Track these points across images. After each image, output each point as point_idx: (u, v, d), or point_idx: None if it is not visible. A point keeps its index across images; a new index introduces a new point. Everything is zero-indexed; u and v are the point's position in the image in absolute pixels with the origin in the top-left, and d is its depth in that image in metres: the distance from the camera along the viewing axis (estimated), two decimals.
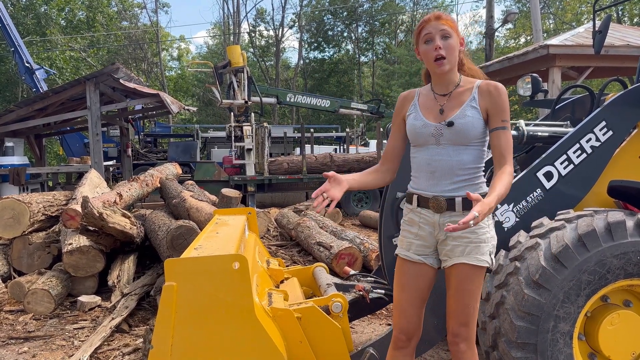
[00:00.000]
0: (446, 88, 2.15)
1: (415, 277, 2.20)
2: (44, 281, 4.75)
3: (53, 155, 24.94)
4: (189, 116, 34.97)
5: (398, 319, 2.25)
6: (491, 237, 2.10)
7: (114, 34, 32.89)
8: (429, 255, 2.19)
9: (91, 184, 6.86)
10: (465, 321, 2.08)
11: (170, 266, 2.01)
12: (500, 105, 2.08)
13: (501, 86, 2.11)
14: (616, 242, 2.39)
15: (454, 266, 2.10)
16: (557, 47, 9.80)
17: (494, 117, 2.08)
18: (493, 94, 2.09)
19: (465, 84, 2.15)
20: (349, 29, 37.74)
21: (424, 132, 2.14)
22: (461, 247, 2.07)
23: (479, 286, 2.10)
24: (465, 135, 2.08)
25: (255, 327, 2.05)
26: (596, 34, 4.08)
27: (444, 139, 2.11)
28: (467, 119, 2.08)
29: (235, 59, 11.15)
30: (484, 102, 2.09)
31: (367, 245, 5.88)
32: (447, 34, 2.06)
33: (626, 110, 2.91)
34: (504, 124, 2.07)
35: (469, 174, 2.10)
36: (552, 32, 30.09)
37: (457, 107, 2.11)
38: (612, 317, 2.44)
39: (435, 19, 2.09)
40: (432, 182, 2.13)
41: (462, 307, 2.08)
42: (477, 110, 2.09)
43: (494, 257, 2.10)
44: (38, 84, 15.20)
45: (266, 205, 10.97)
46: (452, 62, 2.09)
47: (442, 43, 2.06)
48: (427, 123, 2.14)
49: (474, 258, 2.06)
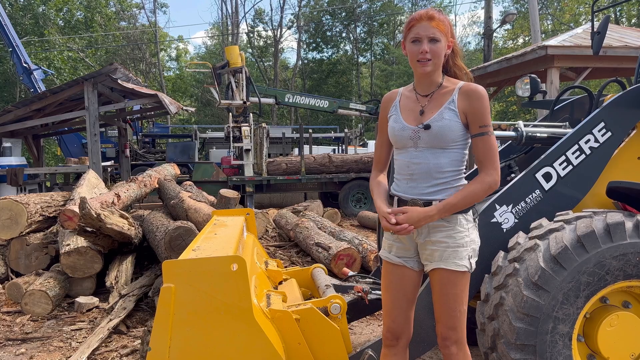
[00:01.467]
0: (428, 88, 2.14)
1: (398, 279, 2.21)
2: (42, 282, 4.73)
3: (51, 155, 24.88)
4: (187, 116, 34.94)
5: (384, 318, 2.28)
6: (470, 240, 2.09)
7: (112, 35, 32.85)
8: (410, 258, 2.19)
9: (89, 185, 6.84)
10: (453, 325, 2.08)
11: (168, 268, 2.01)
12: (478, 110, 2.04)
13: (481, 90, 2.07)
14: (615, 244, 2.38)
15: (434, 271, 2.10)
16: (556, 48, 9.81)
17: (472, 123, 2.05)
18: (471, 98, 2.05)
19: (448, 85, 2.12)
20: (348, 30, 37.75)
21: (402, 135, 2.13)
22: (439, 252, 2.07)
23: (463, 289, 2.09)
24: (442, 139, 2.06)
25: (253, 329, 2.05)
26: (595, 34, 4.08)
27: (421, 142, 2.09)
28: (444, 122, 2.05)
29: (234, 60, 11.14)
30: (463, 105, 2.06)
31: (365, 246, 5.88)
32: (436, 39, 2.03)
33: (625, 111, 2.91)
34: (482, 130, 2.04)
35: (448, 177, 2.09)
36: (550, 33, 30.12)
37: (437, 108, 2.09)
38: (611, 319, 2.43)
39: (427, 19, 2.05)
40: (411, 185, 2.13)
41: (447, 311, 2.08)
42: (455, 112, 2.06)
43: (474, 261, 2.09)
44: (36, 84, 15.16)
45: (264, 205, 10.96)
46: (437, 65, 2.08)
47: (429, 47, 2.03)
48: (405, 126, 2.13)
49: (452, 263, 2.05)
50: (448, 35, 2.07)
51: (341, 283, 3.18)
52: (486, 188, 2.03)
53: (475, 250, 2.12)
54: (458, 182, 2.11)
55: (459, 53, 2.17)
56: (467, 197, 2.02)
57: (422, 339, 2.63)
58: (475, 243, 2.11)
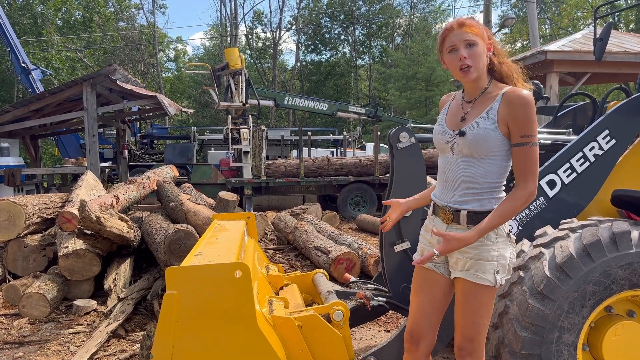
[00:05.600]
0: (472, 94, 2.06)
1: (428, 284, 2.18)
2: (40, 285, 4.69)
3: (48, 155, 24.80)
4: (186, 118, 34.90)
5: (408, 322, 2.26)
6: (499, 255, 1.99)
7: (110, 35, 32.79)
8: (441, 265, 2.16)
9: (87, 186, 6.80)
10: (470, 336, 2.04)
11: (171, 274, 1.98)
12: (520, 117, 1.90)
13: (526, 95, 1.92)
14: (621, 253, 2.37)
15: (457, 280, 2.07)
16: (555, 53, 9.84)
17: (513, 131, 1.93)
18: (513, 105, 1.91)
19: (493, 90, 2.01)
20: (346, 32, 37.79)
21: (441, 139, 2.09)
22: (462, 262, 2.03)
23: (485, 303, 2.00)
24: (476, 148, 1.97)
25: (257, 336, 2.03)
26: (597, 41, 4.08)
27: (457, 149, 2.03)
28: (479, 130, 1.96)
29: (233, 62, 11.12)
30: (504, 112, 1.94)
31: (365, 250, 5.86)
32: (472, 42, 1.95)
33: (629, 118, 2.90)
34: (522, 140, 1.90)
35: (480, 188, 2.00)
36: (548, 37, 30.21)
37: (477, 116, 2.01)
38: (616, 328, 2.42)
39: (458, 26, 1.97)
40: (445, 192, 2.09)
41: (466, 322, 2.04)
42: (494, 121, 1.95)
43: (501, 277, 1.99)
44: (34, 84, 15.10)
45: (263, 208, 10.93)
46: (480, 70, 1.98)
47: (467, 52, 1.95)
48: (445, 130, 2.09)
49: (474, 275, 1.99)
50: (484, 37, 1.98)
51: (343, 289, 3.15)
52: (522, 203, 1.93)
53: (505, 266, 2.00)
54: (494, 195, 2.02)
55: (501, 54, 2.05)
56: (501, 214, 1.92)
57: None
58: (504, 259, 1.99)
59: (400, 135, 2.88)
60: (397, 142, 2.88)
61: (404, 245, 2.94)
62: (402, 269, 2.91)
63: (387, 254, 3.02)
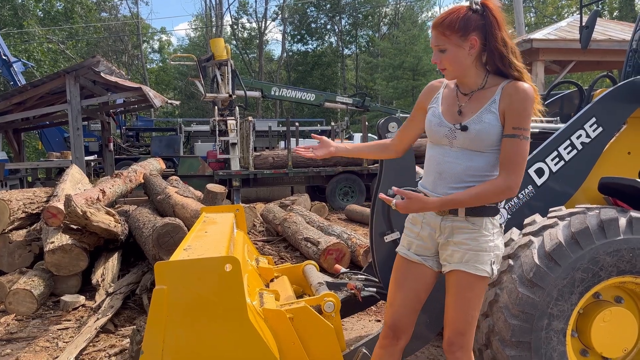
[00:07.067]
0: (468, 88, 2.02)
1: (413, 277, 2.15)
2: (26, 281, 4.63)
3: (31, 149, 24.45)
4: (171, 110, 34.59)
5: (389, 316, 2.21)
6: (495, 246, 2.00)
7: (93, 26, 32.30)
8: (430, 258, 2.13)
9: (73, 180, 6.72)
10: (463, 330, 2.01)
11: (160, 269, 1.96)
12: (516, 109, 1.88)
13: (526, 88, 1.90)
14: (609, 240, 2.38)
15: (452, 272, 2.03)
16: (541, 41, 9.89)
17: (507, 122, 1.91)
18: (512, 97, 1.90)
19: (492, 83, 1.97)
20: (332, 22, 37.62)
21: (438, 131, 2.04)
22: (460, 254, 2.00)
23: (479, 295, 2.01)
24: (479, 142, 1.95)
25: (248, 329, 2.01)
26: (583, 29, 4.09)
27: (457, 142, 1.99)
28: (482, 125, 1.94)
29: (219, 52, 11.00)
30: (504, 104, 1.92)
31: (354, 240, 5.86)
32: (442, 49, 1.93)
33: (616, 106, 2.91)
34: (515, 132, 1.88)
35: (478, 180, 1.97)
36: (533, 26, 30.34)
37: (476, 110, 1.97)
38: (604, 314, 2.44)
39: (433, 27, 1.94)
40: (439, 183, 2.04)
41: (460, 315, 2.01)
42: (496, 115, 1.93)
43: (496, 267, 2.01)
44: (15, 77, 14.84)
45: (251, 200, 10.90)
46: (457, 72, 1.97)
47: (439, 57, 1.95)
48: (443, 122, 2.03)
49: (472, 266, 1.97)
50: (457, 38, 1.90)
51: (333, 280, 3.15)
52: (498, 192, 1.91)
53: (499, 256, 2.02)
54: None
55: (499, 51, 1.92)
56: (473, 196, 1.91)
57: (415, 334, 2.61)
58: (499, 249, 2.01)
59: (389, 125, 2.88)
60: (386, 132, 2.87)
61: (393, 235, 2.94)
62: (392, 259, 2.89)
63: (377, 244, 3.02)
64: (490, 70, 1.99)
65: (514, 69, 1.93)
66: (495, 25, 1.91)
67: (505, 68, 1.93)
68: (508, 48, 1.92)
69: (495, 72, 1.98)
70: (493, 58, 1.94)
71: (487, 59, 1.97)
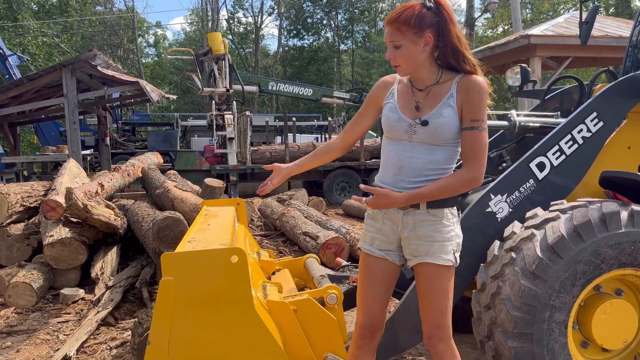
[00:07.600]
0: (423, 84, 2.04)
1: (380, 272, 2.15)
2: (25, 274, 4.63)
3: (27, 143, 24.31)
4: (167, 104, 34.47)
5: (363, 314, 2.19)
6: (455, 235, 2.05)
7: (88, 20, 32.08)
8: (392, 252, 2.14)
9: (70, 174, 6.70)
10: (440, 322, 2.03)
11: (166, 261, 1.96)
12: (474, 103, 1.94)
13: (481, 82, 1.96)
14: (611, 233, 2.41)
15: (420, 265, 2.05)
16: (538, 37, 9.92)
17: (465, 115, 1.96)
18: (469, 90, 1.96)
19: (446, 78, 2.02)
20: (329, 17, 37.54)
21: (397, 126, 2.04)
22: (425, 246, 2.02)
23: (449, 283, 2.04)
24: (439, 136, 1.98)
25: (254, 320, 2.02)
26: (583, 24, 4.10)
27: (417, 137, 2.01)
28: (442, 119, 1.97)
29: (216, 47, 10.97)
30: (461, 98, 1.97)
31: (352, 234, 5.88)
32: (396, 45, 1.95)
33: (616, 101, 2.93)
34: (473, 124, 1.94)
35: (438, 174, 2.01)
36: (529, 22, 30.39)
37: (434, 105, 2.00)
38: (605, 306, 2.47)
39: (386, 24, 1.96)
40: (399, 178, 2.04)
41: (434, 306, 2.03)
42: (454, 109, 1.97)
43: (458, 255, 2.06)
44: (11, 71, 14.73)
45: (249, 194, 10.89)
46: (411, 68, 1.99)
47: (393, 53, 1.97)
48: (402, 117, 2.04)
49: (439, 257, 2.00)
50: (413, 33, 1.91)
51: (335, 273, 3.17)
52: (462, 184, 1.96)
53: (459, 244, 2.07)
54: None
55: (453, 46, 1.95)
56: (439, 189, 1.95)
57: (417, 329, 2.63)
58: (459, 237, 2.07)
59: None
60: None
61: None
62: None
63: None
64: (443, 66, 2.03)
65: (468, 64, 1.99)
66: (449, 21, 1.94)
67: (459, 63, 1.98)
68: (462, 43, 1.97)
69: (447, 67, 2.02)
70: (446, 53, 1.98)
71: (439, 54, 2.00)
